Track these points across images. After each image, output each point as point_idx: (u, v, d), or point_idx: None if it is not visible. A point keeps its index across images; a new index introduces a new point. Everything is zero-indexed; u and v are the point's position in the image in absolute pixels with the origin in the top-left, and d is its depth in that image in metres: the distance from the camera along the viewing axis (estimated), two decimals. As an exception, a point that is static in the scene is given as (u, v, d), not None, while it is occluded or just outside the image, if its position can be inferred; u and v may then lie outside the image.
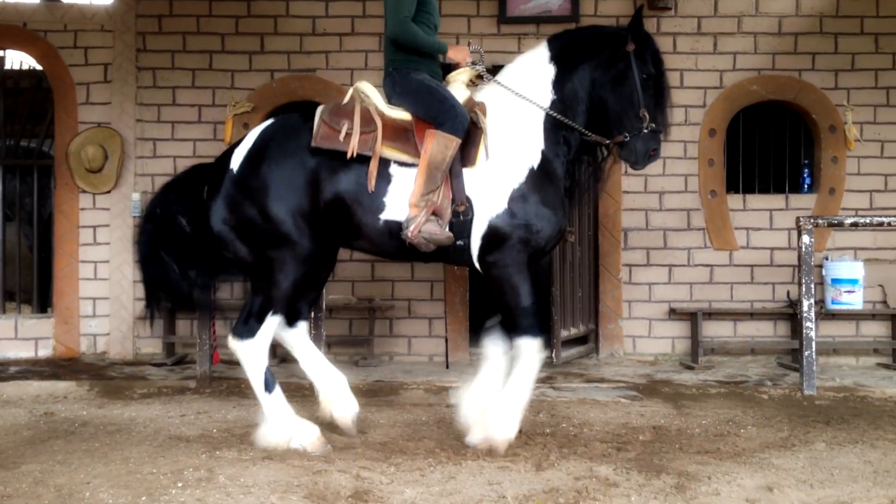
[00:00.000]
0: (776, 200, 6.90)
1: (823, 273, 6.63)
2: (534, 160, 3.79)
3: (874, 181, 6.86)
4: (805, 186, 6.97)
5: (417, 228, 3.61)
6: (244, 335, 3.73)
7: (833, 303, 6.58)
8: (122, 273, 6.77)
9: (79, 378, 5.72)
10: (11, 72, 7.41)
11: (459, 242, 3.73)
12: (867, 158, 6.86)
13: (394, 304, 6.84)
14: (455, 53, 3.97)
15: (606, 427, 4.31)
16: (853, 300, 6.54)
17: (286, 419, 3.76)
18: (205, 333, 5.53)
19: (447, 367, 6.22)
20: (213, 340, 5.53)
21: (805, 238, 5.31)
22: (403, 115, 3.83)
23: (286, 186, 3.70)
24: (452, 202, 3.70)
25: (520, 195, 3.72)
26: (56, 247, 6.94)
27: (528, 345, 3.66)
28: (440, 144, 3.63)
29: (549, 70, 3.91)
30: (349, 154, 3.68)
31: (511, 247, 3.70)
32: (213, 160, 4.08)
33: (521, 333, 3.68)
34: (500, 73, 4.01)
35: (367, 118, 3.75)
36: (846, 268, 6.56)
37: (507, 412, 3.68)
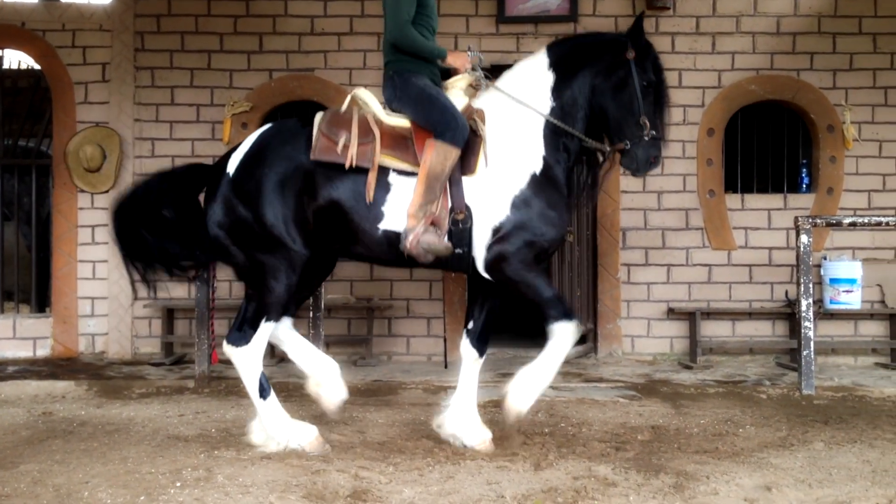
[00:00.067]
0: (774, 200, 6.90)
1: (822, 273, 6.64)
2: (536, 166, 3.76)
3: (872, 181, 6.87)
4: (803, 186, 6.98)
5: (416, 239, 3.59)
6: (238, 342, 3.71)
7: (831, 302, 6.59)
8: (121, 272, 6.67)
9: (77, 378, 5.71)
10: (10, 71, 7.41)
11: (458, 251, 3.71)
12: (865, 158, 6.86)
13: (392, 304, 6.85)
14: (454, 59, 3.93)
15: (605, 427, 4.31)
16: (851, 300, 6.55)
17: (283, 424, 3.76)
18: (203, 333, 5.53)
19: (446, 367, 6.21)
20: (212, 340, 5.51)
21: (803, 238, 5.31)
22: (402, 123, 3.79)
23: (281, 191, 3.68)
24: (451, 211, 3.67)
25: (522, 200, 3.68)
26: (54, 246, 6.93)
27: (562, 328, 3.62)
28: (440, 155, 3.59)
29: (549, 76, 3.87)
30: (347, 165, 3.65)
31: (516, 252, 3.66)
32: (212, 160, 4.07)
33: (554, 321, 3.63)
34: (499, 80, 3.97)
35: (365, 128, 3.72)
36: (844, 267, 6.57)
37: (528, 387, 3.63)
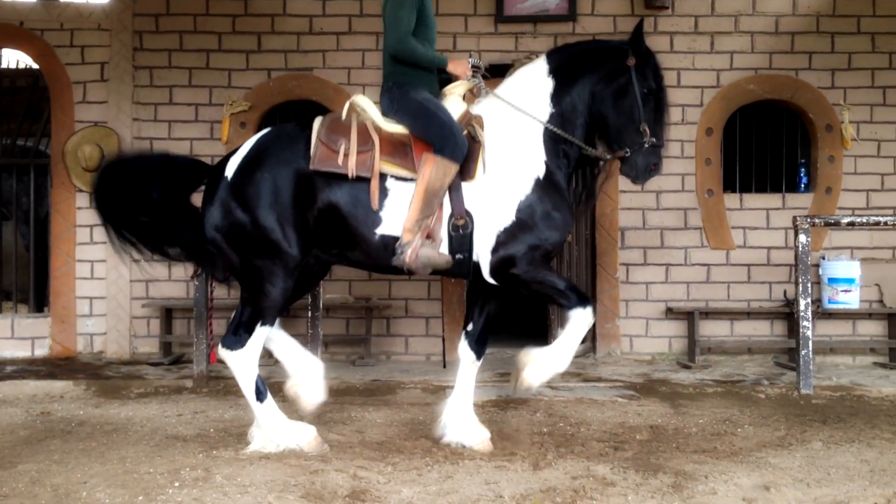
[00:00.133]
0: (773, 200, 6.90)
1: (820, 272, 6.64)
2: (539, 170, 3.76)
3: (871, 180, 6.88)
4: (802, 186, 6.98)
5: (414, 253, 3.59)
6: (234, 345, 3.71)
7: (830, 302, 6.59)
8: (119, 272, 6.75)
9: (75, 377, 5.71)
10: (8, 70, 7.42)
11: (459, 256, 3.71)
12: (864, 158, 6.87)
13: (391, 304, 6.84)
14: (455, 67, 3.92)
15: (603, 426, 4.32)
16: (850, 299, 6.55)
17: (281, 425, 3.75)
18: (202, 333, 5.52)
19: (444, 367, 6.21)
20: (210, 340, 5.52)
21: (802, 237, 5.31)
22: (401, 129, 3.79)
23: (279, 195, 3.67)
24: (451, 216, 3.67)
25: (527, 205, 3.69)
26: (53, 246, 6.92)
27: (578, 314, 3.63)
28: (439, 171, 3.59)
29: (548, 83, 3.86)
30: (349, 176, 3.64)
31: (523, 255, 3.67)
32: (211, 160, 4.06)
33: (570, 308, 3.65)
34: (499, 86, 3.97)
35: (364, 135, 3.72)
36: (843, 267, 6.57)
37: (544, 364, 3.64)
